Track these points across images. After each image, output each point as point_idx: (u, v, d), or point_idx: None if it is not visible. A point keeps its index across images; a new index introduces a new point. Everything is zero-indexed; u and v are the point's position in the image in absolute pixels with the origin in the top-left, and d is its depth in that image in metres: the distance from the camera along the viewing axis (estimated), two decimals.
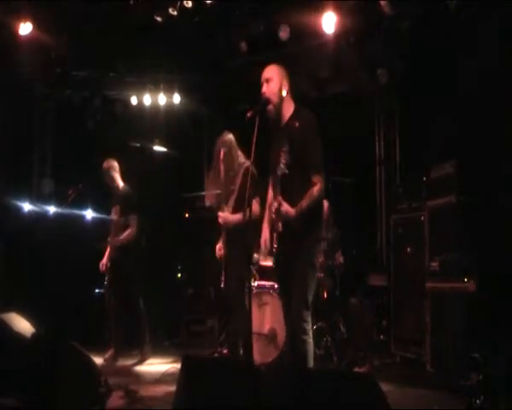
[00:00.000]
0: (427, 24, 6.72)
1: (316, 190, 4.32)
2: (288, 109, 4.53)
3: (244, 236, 5.19)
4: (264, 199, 4.93)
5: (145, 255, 7.34)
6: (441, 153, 6.50)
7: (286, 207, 4.22)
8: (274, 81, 4.46)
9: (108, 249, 7.23)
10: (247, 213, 4.35)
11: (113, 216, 7.13)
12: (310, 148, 4.29)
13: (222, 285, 5.94)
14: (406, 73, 7.52)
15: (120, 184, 7.36)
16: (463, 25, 6.32)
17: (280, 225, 4.29)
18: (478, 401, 4.18)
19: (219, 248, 6.00)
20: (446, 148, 6.53)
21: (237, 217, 5.58)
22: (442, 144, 6.69)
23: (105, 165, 7.32)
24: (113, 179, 7.31)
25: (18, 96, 8.08)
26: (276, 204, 4.21)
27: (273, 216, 4.27)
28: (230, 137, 6.04)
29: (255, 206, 5.16)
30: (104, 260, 7.20)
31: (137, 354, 7.18)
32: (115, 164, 7.37)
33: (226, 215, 5.73)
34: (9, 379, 4.62)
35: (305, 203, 4.29)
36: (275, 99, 4.46)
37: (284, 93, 4.49)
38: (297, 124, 4.39)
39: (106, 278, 7.20)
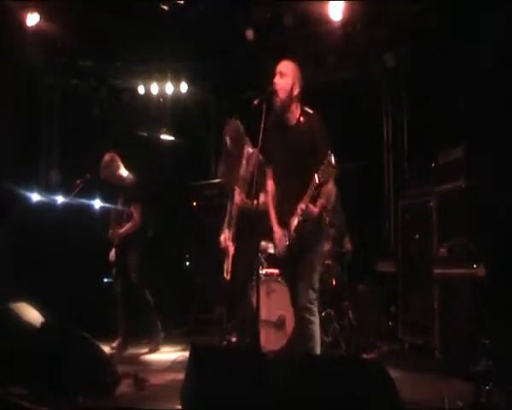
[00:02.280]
0: (435, 7, 6.66)
1: (330, 187, 4.44)
2: (296, 111, 4.55)
3: (254, 225, 5.22)
4: None
5: (153, 245, 7.33)
6: (450, 137, 6.46)
7: (311, 208, 4.34)
8: (288, 77, 4.49)
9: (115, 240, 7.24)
10: (256, 202, 4.43)
11: (118, 207, 7.11)
12: (319, 148, 4.30)
13: (225, 275, 5.97)
14: (414, 57, 7.48)
15: (124, 174, 7.26)
16: (474, 8, 6.27)
17: (296, 225, 4.38)
18: (487, 387, 4.16)
19: (224, 239, 6.03)
20: (455, 132, 6.49)
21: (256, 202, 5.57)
22: (450, 129, 6.65)
23: (106, 158, 7.14)
24: (116, 172, 7.19)
25: (25, 86, 8.08)
26: (303, 205, 4.29)
27: (298, 217, 4.35)
28: (237, 123, 6.04)
29: (263, 198, 5.14)
30: (113, 251, 7.22)
31: (146, 343, 7.20)
32: (116, 156, 7.21)
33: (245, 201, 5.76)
34: (19, 368, 4.66)
35: (324, 201, 4.42)
36: (283, 95, 4.48)
37: (295, 93, 4.50)
38: (303, 125, 4.46)
39: (114, 269, 7.24)
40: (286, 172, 4.53)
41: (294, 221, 4.41)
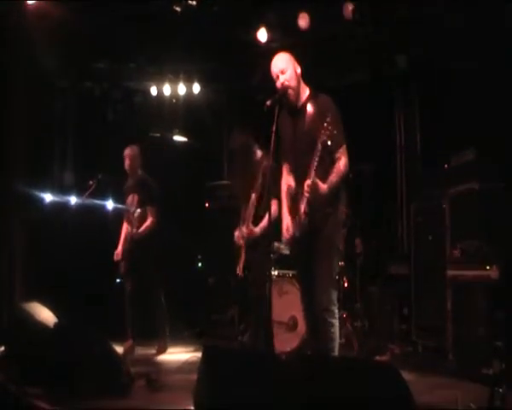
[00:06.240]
0: (447, 8, 6.64)
1: (342, 164, 4.37)
2: (304, 92, 4.56)
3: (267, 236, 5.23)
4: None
5: (165, 246, 7.34)
6: (462, 139, 6.43)
7: (319, 182, 4.21)
8: (290, 68, 4.49)
9: (122, 238, 7.25)
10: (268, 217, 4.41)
11: (131, 206, 7.12)
12: (329, 126, 4.23)
13: (238, 271, 5.95)
14: (426, 58, 7.46)
15: (139, 172, 7.35)
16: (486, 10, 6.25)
17: (305, 207, 4.28)
18: (501, 390, 4.13)
19: (238, 236, 6.02)
20: (467, 134, 6.47)
21: (262, 226, 5.66)
22: (463, 130, 6.63)
23: (128, 151, 7.29)
24: (134, 167, 7.30)
25: (38, 88, 8.12)
26: (309, 181, 4.18)
27: (305, 194, 4.23)
28: (242, 139, 6.06)
29: (274, 207, 5.11)
30: (119, 248, 7.21)
31: (155, 344, 7.19)
32: (137, 151, 7.35)
33: (252, 231, 5.79)
34: (33, 368, 4.69)
35: (334, 178, 4.32)
36: (295, 83, 4.50)
37: (299, 72, 4.53)
38: (313, 105, 4.40)
39: (122, 268, 7.24)
40: (301, 167, 4.40)
41: (303, 205, 4.30)
